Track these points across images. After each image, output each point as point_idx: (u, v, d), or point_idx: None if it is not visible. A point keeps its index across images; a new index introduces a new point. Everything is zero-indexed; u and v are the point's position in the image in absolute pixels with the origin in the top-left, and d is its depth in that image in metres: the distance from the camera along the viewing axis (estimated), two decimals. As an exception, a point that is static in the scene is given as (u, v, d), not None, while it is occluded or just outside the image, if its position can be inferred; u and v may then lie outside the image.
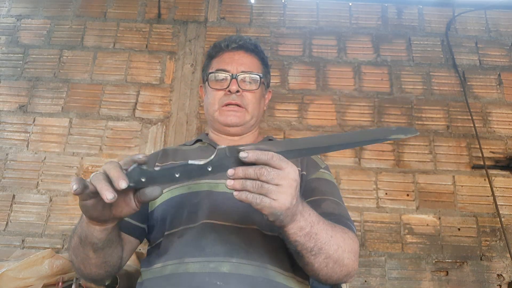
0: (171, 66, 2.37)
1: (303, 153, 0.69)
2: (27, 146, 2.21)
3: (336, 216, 0.90)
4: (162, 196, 0.97)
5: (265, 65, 1.18)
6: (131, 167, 0.65)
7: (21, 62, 2.38)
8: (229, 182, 0.64)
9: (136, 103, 2.29)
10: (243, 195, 0.64)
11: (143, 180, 0.65)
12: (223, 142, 1.12)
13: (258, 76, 1.11)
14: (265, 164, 0.63)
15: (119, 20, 2.46)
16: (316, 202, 0.94)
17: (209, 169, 0.65)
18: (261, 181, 0.63)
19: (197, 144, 1.15)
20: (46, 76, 2.34)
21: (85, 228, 0.77)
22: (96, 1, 2.51)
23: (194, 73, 2.35)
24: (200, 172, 0.65)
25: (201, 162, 0.64)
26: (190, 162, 0.64)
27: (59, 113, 2.27)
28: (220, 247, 0.85)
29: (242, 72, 1.09)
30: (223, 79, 1.10)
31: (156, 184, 0.66)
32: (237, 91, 1.08)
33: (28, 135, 2.23)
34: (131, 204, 0.71)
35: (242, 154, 0.63)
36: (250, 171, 0.63)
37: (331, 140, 0.71)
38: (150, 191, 0.67)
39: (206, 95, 1.16)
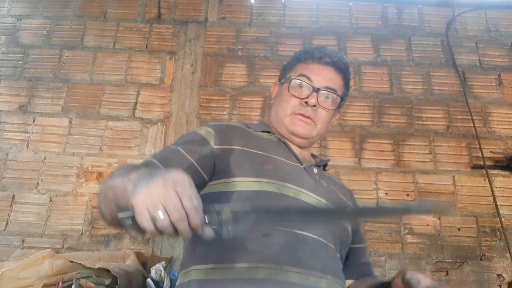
0: (171, 66, 2.36)
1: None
2: (27, 146, 2.20)
3: (370, 267, 1.07)
4: (248, 183, 0.89)
5: (347, 87, 1.14)
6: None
7: (21, 62, 2.38)
8: None
9: (136, 103, 2.29)
10: None
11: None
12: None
13: (340, 98, 1.07)
14: None
15: (119, 20, 2.46)
16: (364, 251, 1.09)
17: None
18: None
19: (266, 135, 1.07)
20: (46, 76, 2.34)
21: None
22: (96, 1, 2.51)
23: (194, 73, 2.35)
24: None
25: None
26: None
27: (59, 113, 2.27)
28: (315, 261, 0.84)
29: (326, 88, 1.04)
30: (304, 87, 1.05)
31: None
32: (314, 105, 1.03)
33: (28, 135, 2.23)
34: None
35: None
36: None
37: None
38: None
39: (279, 96, 1.11)
